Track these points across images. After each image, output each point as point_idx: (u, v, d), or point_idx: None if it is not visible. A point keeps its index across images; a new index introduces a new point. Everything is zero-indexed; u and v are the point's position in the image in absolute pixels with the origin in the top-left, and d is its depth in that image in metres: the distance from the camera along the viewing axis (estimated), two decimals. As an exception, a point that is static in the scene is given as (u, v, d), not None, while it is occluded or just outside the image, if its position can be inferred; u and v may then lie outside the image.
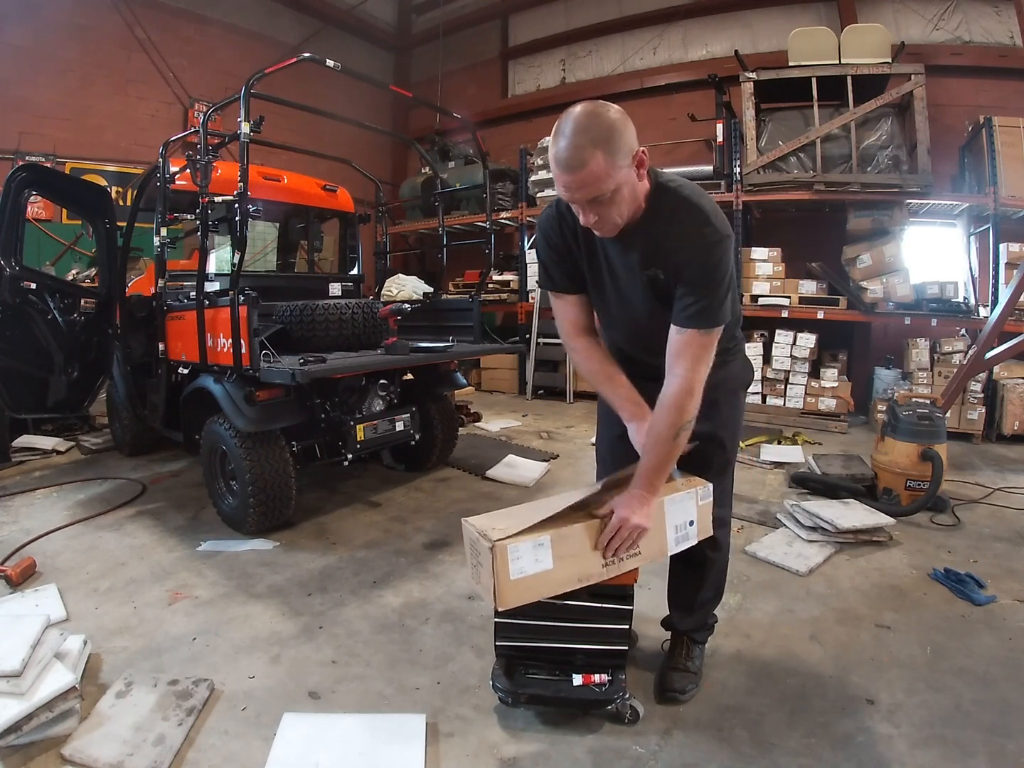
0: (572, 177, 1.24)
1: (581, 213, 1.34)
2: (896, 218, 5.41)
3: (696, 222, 1.33)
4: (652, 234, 1.39)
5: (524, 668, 1.65)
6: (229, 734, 1.59)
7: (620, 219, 1.34)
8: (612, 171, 1.24)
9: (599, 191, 1.25)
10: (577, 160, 1.22)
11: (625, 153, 1.25)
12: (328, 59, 2.96)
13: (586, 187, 1.25)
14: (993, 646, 2.01)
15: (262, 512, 2.83)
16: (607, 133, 1.22)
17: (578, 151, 1.21)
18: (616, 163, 1.24)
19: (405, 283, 6.63)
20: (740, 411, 1.71)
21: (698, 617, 1.84)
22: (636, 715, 1.64)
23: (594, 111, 1.24)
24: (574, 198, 1.30)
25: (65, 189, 3.90)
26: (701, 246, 1.33)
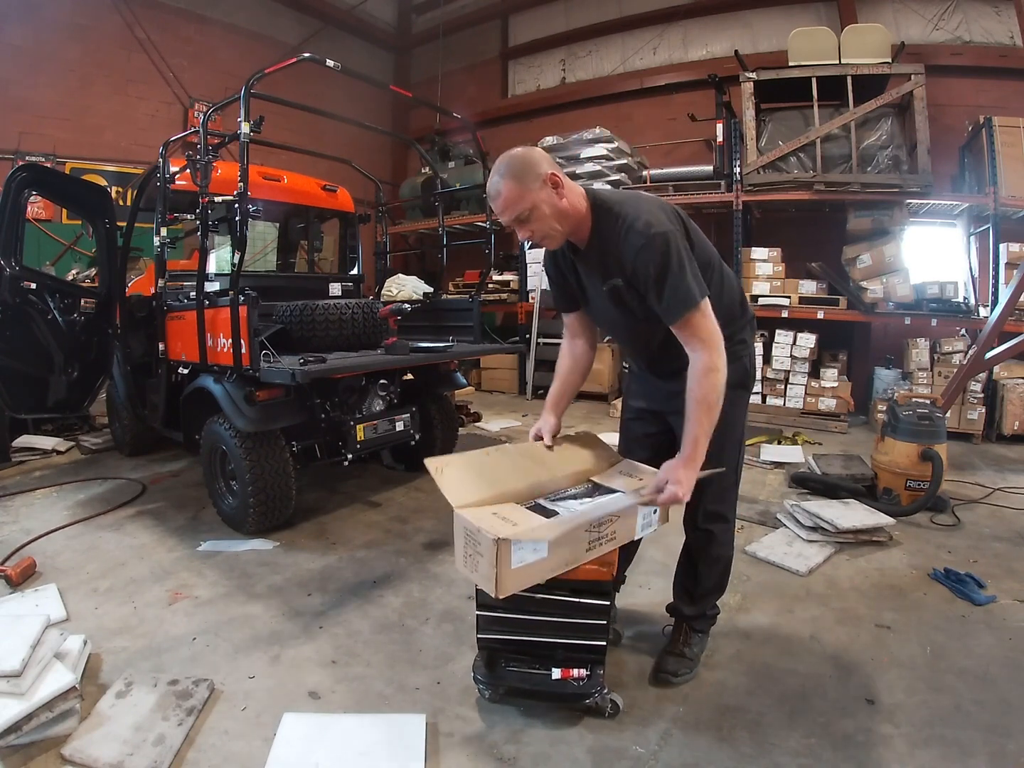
0: (495, 204, 1.52)
1: (517, 232, 1.58)
2: (896, 218, 5.41)
3: (625, 231, 1.50)
4: (600, 250, 1.59)
5: (505, 661, 1.68)
6: (229, 734, 1.59)
7: (555, 232, 1.56)
8: (524, 193, 1.48)
9: (517, 211, 1.50)
10: (495, 191, 1.51)
11: (533, 178, 1.48)
12: (328, 59, 2.96)
13: (506, 210, 1.51)
14: (993, 646, 2.01)
15: (262, 512, 2.83)
16: (515, 166, 1.49)
17: (495, 183, 1.51)
18: (526, 186, 1.47)
19: (405, 283, 6.63)
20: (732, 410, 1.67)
21: (699, 606, 1.93)
22: (617, 708, 1.66)
23: (511, 152, 1.52)
24: (503, 220, 1.55)
25: (65, 189, 3.90)
26: (636, 249, 1.49)
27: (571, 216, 1.55)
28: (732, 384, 1.65)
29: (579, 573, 1.51)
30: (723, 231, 6.17)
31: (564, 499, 1.67)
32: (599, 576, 1.58)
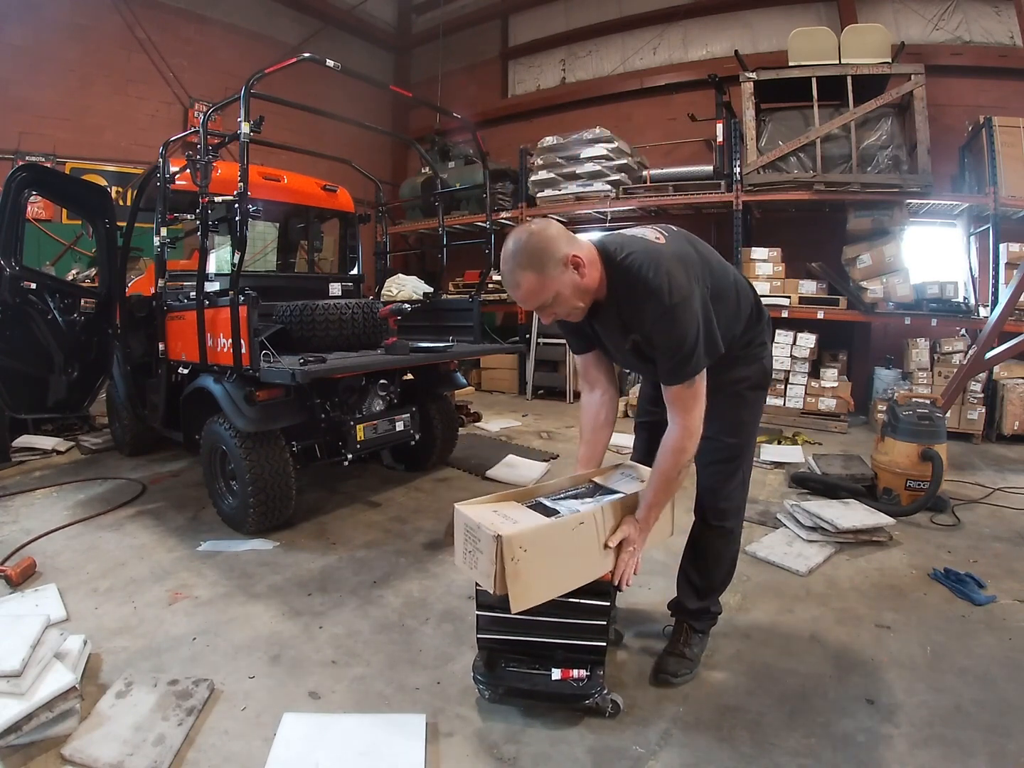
0: (515, 294, 1.50)
1: (541, 317, 1.57)
2: (896, 218, 5.41)
3: (648, 295, 1.45)
4: (619, 309, 1.56)
5: (505, 661, 1.68)
6: (229, 734, 1.59)
7: (578, 310, 1.54)
8: (546, 283, 1.45)
9: (539, 301, 1.48)
10: (514, 282, 1.47)
11: (554, 265, 1.44)
12: (328, 59, 2.96)
13: (528, 300, 1.49)
14: (993, 646, 2.01)
15: (262, 512, 2.83)
16: (532, 255, 1.44)
17: (513, 275, 1.47)
18: (547, 276, 1.44)
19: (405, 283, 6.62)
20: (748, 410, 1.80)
21: (704, 602, 1.93)
22: (617, 708, 1.66)
23: (521, 238, 1.46)
24: (525, 308, 1.58)
25: (65, 189, 3.90)
26: (656, 316, 1.46)
27: (591, 289, 1.52)
28: (753, 385, 1.78)
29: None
30: (723, 231, 6.17)
31: (565, 499, 1.67)
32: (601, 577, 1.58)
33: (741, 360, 1.73)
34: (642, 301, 1.46)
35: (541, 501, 1.63)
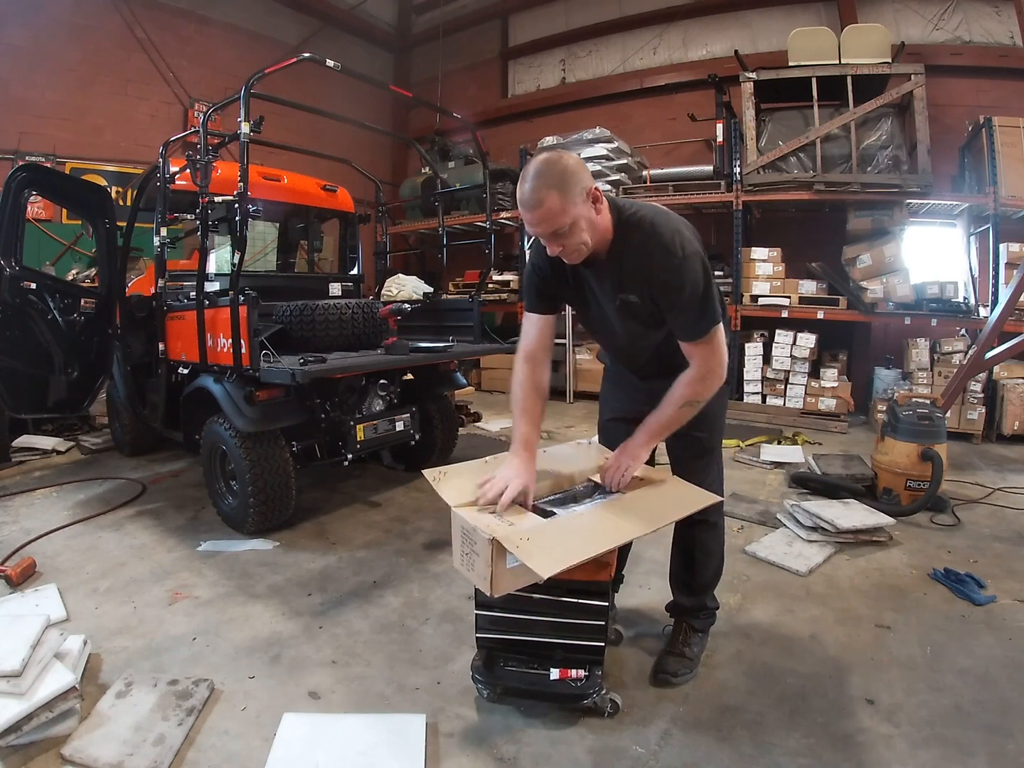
0: (533, 215, 1.43)
1: (548, 245, 1.50)
2: (896, 218, 5.41)
3: (659, 250, 1.47)
4: (621, 263, 1.54)
5: (504, 661, 1.68)
6: (229, 734, 1.59)
7: (584, 247, 1.49)
8: (567, 207, 1.40)
9: (557, 225, 1.42)
10: (535, 200, 1.40)
11: (579, 192, 1.41)
12: (328, 59, 2.96)
13: (545, 222, 1.43)
14: (993, 646, 2.01)
15: (262, 512, 2.83)
16: (560, 176, 1.40)
17: (536, 192, 1.40)
18: (571, 200, 1.40)
19: (405, 283, 6.62)
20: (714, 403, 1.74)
21: (699, 597, 1.94)
22: (616, 708, 1.66)
23: (550, 158, 1.43)
24: (538, 232, 1.47)
25: (65, 189, 3.90)
26: (666, 269, 1.47)
27: (599, 231, 1.50)
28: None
29: (578, 574, 1.49)
30: (723, 231, 6.17)
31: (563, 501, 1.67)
32: (598, 577, 1.58)
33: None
34: (652, 255, 1.47)
35: (539, 503, 1.63)
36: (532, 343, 1.76)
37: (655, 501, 1.63)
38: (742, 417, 5.59)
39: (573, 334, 6.66)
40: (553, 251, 1.50)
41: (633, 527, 1.47)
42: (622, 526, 1.47)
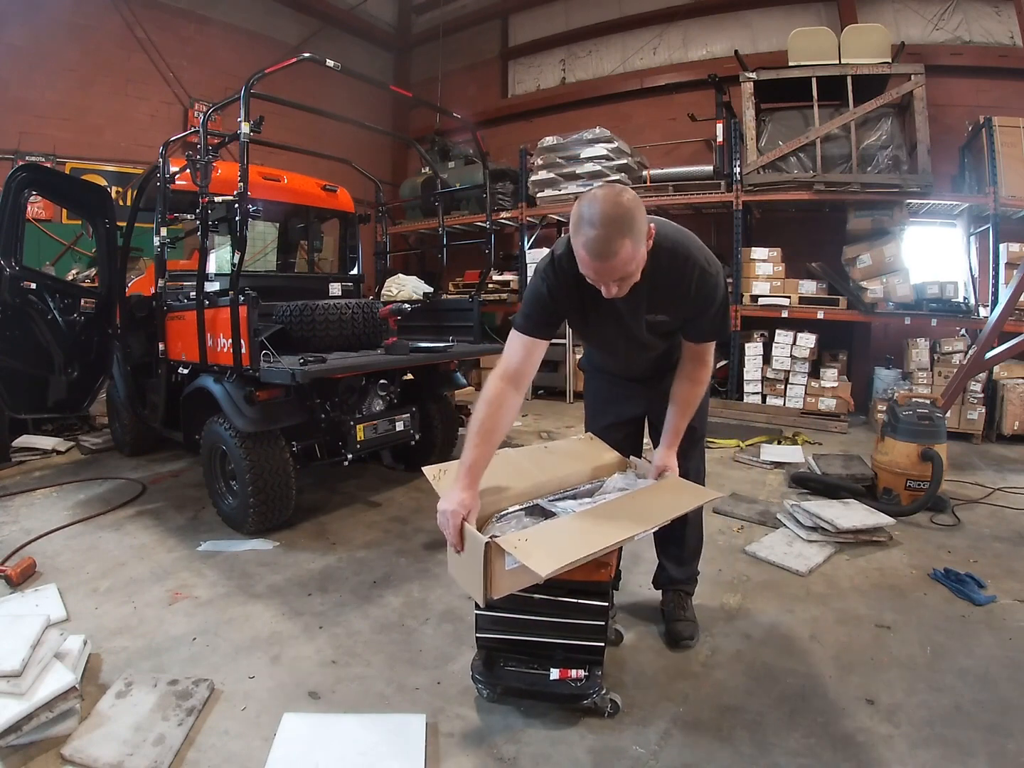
0: (604, 264, 1.36)
1: (604, 288, 1.45)
2: (896, 218, 5.41)
3: (697, 271, 1.54)
4: (655, 286, 1.55)
5: (504, 661, 1.68)
6: (229, 734, 1.59)
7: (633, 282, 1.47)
8: (635, 254, 1.37)
9: (626, 272, 1.39)
10: (610, 251, 1.33)
11: (642, 235, 1.38)
12: (328, 59, 2.96)
13: (616, 271, 1.38)
14: (993, 646, 2.01)
15: (262, 512, 2.83)
16: (631, 222, 1.34)
17: (610, 244, 1.33)
18: (638, 246, 1.37)
19: (405, 283, 6.62)
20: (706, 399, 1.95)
21: (689, 567, 2.11)
22: (616, 708, 1.66)
23: (618, 201, 1.34)
24: (602, 280, 1.42)
25: (65, 189, 3.90)
26: (707, 288, 1.56)
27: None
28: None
29: (577, 574, 1.50)
30: (723, 231, 6.17)
31: (563, 500, 1.67)
32: (597, 577, 1.58)
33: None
34: (691, 277, 1.53)
35: (539, 504, 1.63)
36: (519, 365, 1.63)
37: (654, 499, 1.63)
38: (742, 417, 5.60)
39: (573, 334, 6.66)
40: (610, 292, 1.44)
41: (633, 525, 1.47)
42: (622, 524, 1.46)
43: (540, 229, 7.27)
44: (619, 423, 2.00)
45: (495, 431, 1.57)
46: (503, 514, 1.57)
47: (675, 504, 1.62)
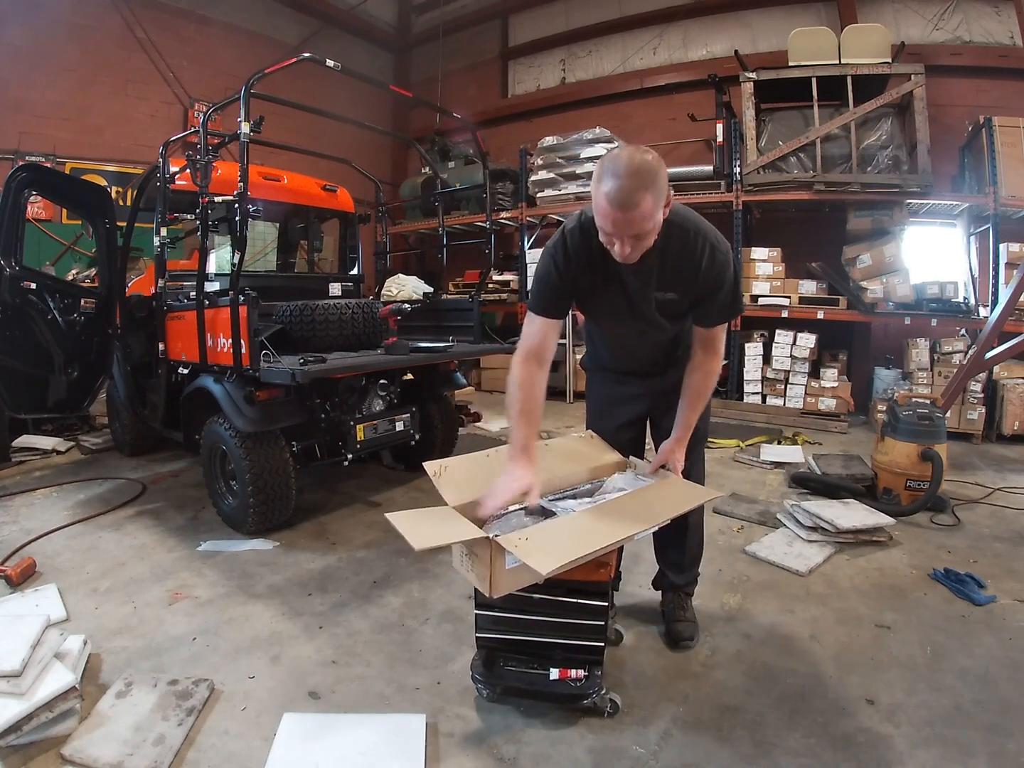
0: (624, 215, 1.36)
1: (618, 245, 1.44)
2: (896, 218, 5.41)
3: (709, 249, 1.56)
4: (666, 262, 1.57)
5: (503, 661, 1.68)
6: (229, 734, 1.59)
7: (646, 248, 1.48)
8: (656, 211, 1.38)
9: (643, 228, 1.39)
10: (631, 201, 1.33)
11: (663, 196, 1.40)
12: (328, 59, 2.96)
13: (634, 224, 1.37)
14: (993, 646, 2.01)
15: (262, 512, 2.83)
16: (655, 177, 1.36)
17: (633, 194, 1.33)
18: (659, 204, 1.39)
19: (405, 283, 6.62)
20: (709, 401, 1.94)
21: (689, 573, 2.10)
22: (616, 708, 1.66)
23: (643, 158, 1.37)
24: (620, 233, 1.41)
25: (65, 189, 3.90)
26: (718, 266, 1.57)
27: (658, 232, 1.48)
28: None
29: (577, 574, 1.50)
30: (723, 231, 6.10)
31: (564, 499, 1.67)
32: (597, 577, 1.58)
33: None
34: (703, 255, 1.54)
35: (540, 503, 1.63)
36: (537, 344, 1.70)
37: (654, 499, 1.63)
38: (742, 417, 5.60)
39: (573, 334, 6.66)
40: (623, 252, 1.44)
41: (633, 524, 1.47)
42: (622, 524, 1.47)
43: (540, 229, 7.27)
44: (621, 424, 2.00)
45: (534, 410, 1.70)
46: (503, 513, 1.57)
47: (675, 504, 1.62)
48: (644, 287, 1.62)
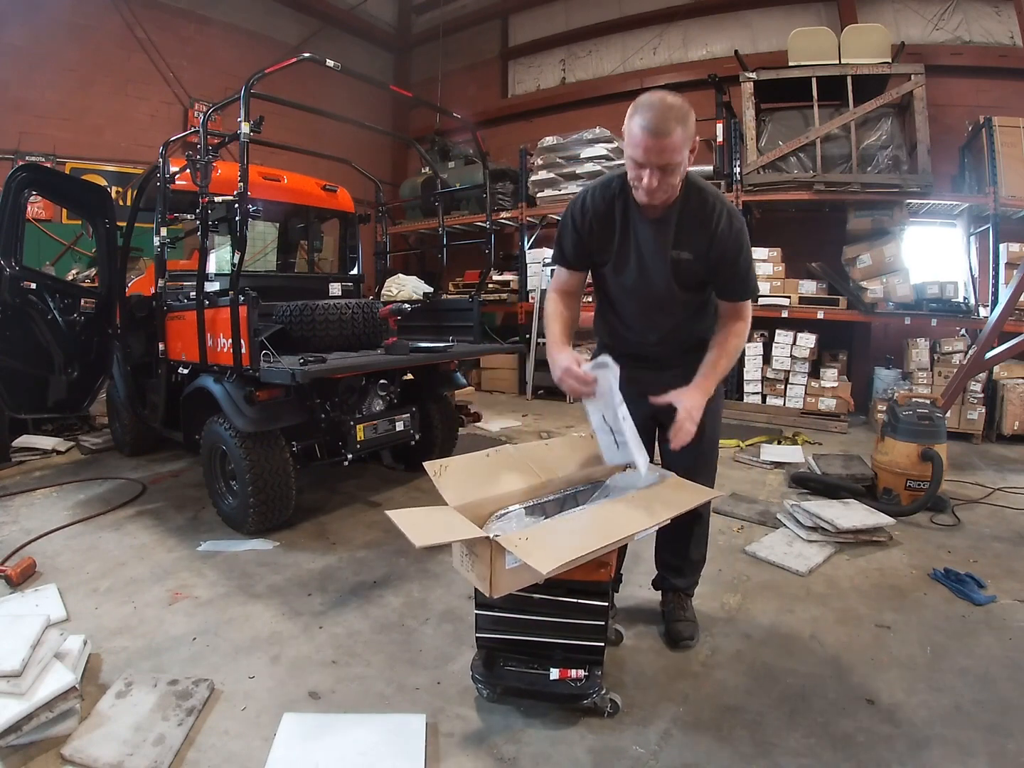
0: (657, 142, 1.44)
1: (646, 178, 1.50)
2: (896, 218, 5.42)
3: (723, 213, 1.61)
4: (683, 222, 1.63)
5: (504, 661, 1.68)
6: (229, 734, 1.59)
7: (672, 191, 1.56)
8: (684, 146, 1.47)
9: (672, 159, 1.46)
10: (665, 129, 1.43)
11: (692, 136, 1.50)
12: (328, 59, 2.96)
13: (665, 153, 1.45)
14: (993, 646, 2.01)
15: (262, 512, 2.83)
16: (687, 115, 1.47)
17: (666, 122, 1.43)
18: (687, 141, 1.48)
19: (405, 283, 6.63)
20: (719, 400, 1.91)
21: (691, 578, 2.10)
22: (616, 708, 1.66)
23: (674, 97, 1.49)
24: (650, 161, 1.47)
25: (65, 189, 3.90)
26: (733, 232, 1.62)
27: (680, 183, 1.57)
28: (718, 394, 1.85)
29: (577, 574, 1.50)
30: (723, 231, 6.15)
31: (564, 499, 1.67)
32: (597, 577, 1.58)
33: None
34: (720, 216, 1.60)
35: (540, 503, 1.63)
36: (564, 282, 1.83)
37: (654, 499, 1.63)
38: (742, 417, 5.60)
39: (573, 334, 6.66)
40: (651, 185, 1.50)
41: (633, 524, 1.47)
42: (622, 523, 1.47)
43: (540, 229, 7.27)
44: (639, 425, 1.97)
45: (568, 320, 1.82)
46: (503, 513, 1.57)
47: (675, 503, 1.62)
48: (660, 244, 1.65)
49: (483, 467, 1.68)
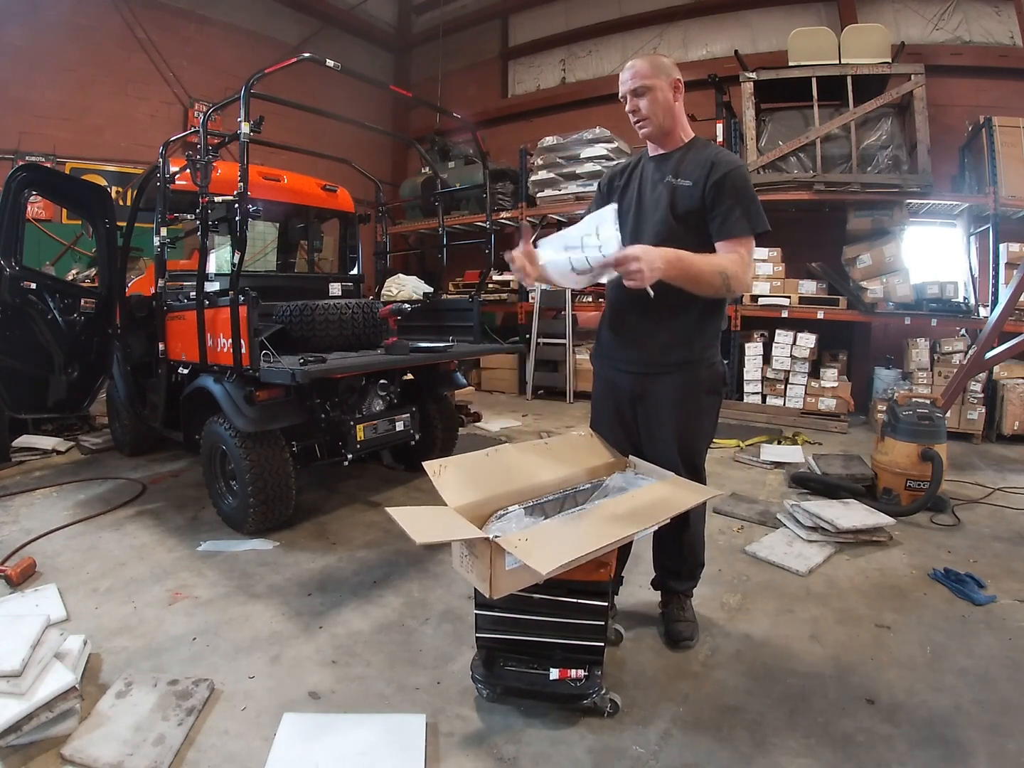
0: (627, 73, 1.77)
1: (628, 104, 1.79)
2: (896, 218, 5.41)
3: (725, 153, 1.80)
4: (687, 157, 1.81)
5: (504, 661, 1.69)
6: (229, 734, 1.59)
7: (655, 117, 1.77)
8: (653, 74, 1.74)
9: (640, 83, 1.74)
10: (633, 64, 1.77)
11: (664, 73, 1.75)
12: (328, 59, 2.96)
13: (635, 79, 1.75)
14: (993, 646, 2.01)
15: (262, 512, 2.83)
16: (656, 59, 1.79)
17: (635, 59, 1.78)
18: (657, 72, 1.74)
19: (405, 283, 6.63)
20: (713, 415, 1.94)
21: (689, 581, 2.10)
22: (616, 708, 1.66)
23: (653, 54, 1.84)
24: (623, 89, 1.78)
25: (65, 189, 3.89)
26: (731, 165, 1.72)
27: (672, 119, 1.79)
28: (709, 390, 1.87)
29: (577, 574, 1.50)
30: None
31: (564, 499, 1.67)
32: (597, 577, 1.58)
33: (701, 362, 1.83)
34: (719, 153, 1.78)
35: (540, 503, 1.63)
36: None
37: (654, 498, 1.63)
38: (742, 417, 5.60)
39: (573, 334, 6.67)
40: (631, 107, 1.78)
41: (633, 524, 1.47)
42: (622, 523, 1.47)
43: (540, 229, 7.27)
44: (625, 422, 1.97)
45: None
46: (503, 514, 1.57)
47: (675, 503, 1.62)
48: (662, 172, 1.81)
49: (483, 467, 1.68)
